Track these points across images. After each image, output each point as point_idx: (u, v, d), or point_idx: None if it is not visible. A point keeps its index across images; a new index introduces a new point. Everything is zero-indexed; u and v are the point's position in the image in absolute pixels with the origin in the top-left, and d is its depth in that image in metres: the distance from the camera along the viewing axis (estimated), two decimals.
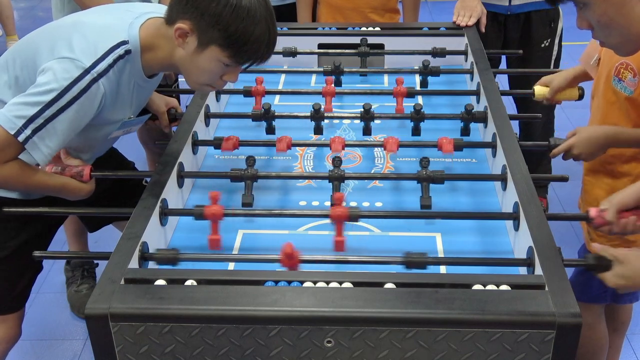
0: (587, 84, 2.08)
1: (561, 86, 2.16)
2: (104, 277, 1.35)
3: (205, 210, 1.57)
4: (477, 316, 1.24)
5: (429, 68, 2.28)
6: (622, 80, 1.83)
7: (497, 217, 1.68)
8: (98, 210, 1.94)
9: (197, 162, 1.96)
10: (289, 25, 2.70)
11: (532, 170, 1.72)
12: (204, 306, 1.27)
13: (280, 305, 1.27)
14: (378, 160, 1.99)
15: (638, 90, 1.81)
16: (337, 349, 1.27)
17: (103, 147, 1.89)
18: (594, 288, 2.05)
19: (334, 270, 1.47)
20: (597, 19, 1.45)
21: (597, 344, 2.17)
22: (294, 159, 1.99)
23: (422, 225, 1.68)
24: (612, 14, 1.43)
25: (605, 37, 1.50)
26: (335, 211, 1.55)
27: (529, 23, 2.93)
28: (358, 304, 1.27)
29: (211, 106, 2.12)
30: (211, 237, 1.58)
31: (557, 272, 1.34)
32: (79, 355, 2.58)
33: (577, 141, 1.87)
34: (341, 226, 1.55)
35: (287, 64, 2.53)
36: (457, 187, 1.82)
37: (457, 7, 2.66)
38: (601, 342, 2.18)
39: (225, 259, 1.55)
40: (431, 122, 2.06)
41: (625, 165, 1.92)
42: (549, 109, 3.08)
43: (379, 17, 2.93)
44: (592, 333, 2.14)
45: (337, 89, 2.20)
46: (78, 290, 2.77)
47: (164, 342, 1.28)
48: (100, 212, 1.98)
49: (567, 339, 1.24)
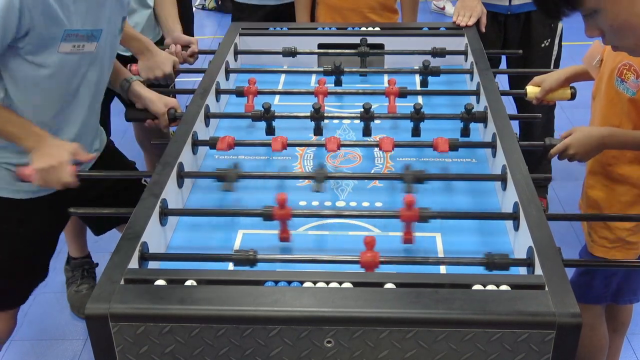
0: (588, 84, 2.08)
1: (552, 87, 2.16)
2: (104, 277, 1.35)
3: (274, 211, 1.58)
4: (477, 316, 1.24)
5: (429, 68, 2.28)
6: (625, 81, 1.83)
7: (497, 217, 1.68)
8: (96, 211, 1.94)
9: (197, 162, 1.96)
10: (289, 25, 2.70)
11: (532, 170, 1.72)
12: (204, 306, 1.27)
13: (280, 305, 1.27)
14: (378, 160, 1.99)
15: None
16: (337, 349, 1.27)
17: (77, 109, 1.86)
18: (594, 289, 2.05)
19: (334, 270, 1.47)
20: (610, 24, 1.42)
21: (598, 345, 2.17)
22: (293, 159, 1.99)
23: (422, 225, 1.68)
24: (625, 16, 1.40)
25: (619, 40, 1.47)
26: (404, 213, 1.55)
27: (529, 23, 2.93)
28: (358, 304, 1.27)
29: (211, 106, 2.12)
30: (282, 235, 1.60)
31: (557, 272, 1.34)
32: (79, 355, 2.58)
33: (572, 141, 1.87)
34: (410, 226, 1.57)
35: (287, 64, 2.53)
36: (457, 187, 1.82)
37: (457, 7, 2.66)
38: (601, 343, 2.18)
39: (225, 259, 1.55)
40: (432, 122, 2.06)
41: (626, 167, 1.91)
42: (549, 109, 3.08)
43: (378, 17, 2.93)
44: (592, 334, 2.14)
45: (330, 89, 2.20)
46: (78, 290, 2.77)
47: (164, 342, 1.28)
48: (98, 213, 1.97)
49: (567, 339, 1.24)
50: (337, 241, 1.64)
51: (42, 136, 1.73)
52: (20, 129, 1.71)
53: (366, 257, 1.43)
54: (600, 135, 1.86)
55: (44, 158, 1.70)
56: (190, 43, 2.54)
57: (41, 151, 1.71)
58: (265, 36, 2.62)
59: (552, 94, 2.18)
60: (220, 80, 2.26)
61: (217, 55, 2.41)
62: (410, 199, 1.56)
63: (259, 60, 2.59)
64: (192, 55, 2.54)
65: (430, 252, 1.60)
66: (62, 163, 1.71)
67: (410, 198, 1.56)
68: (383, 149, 1.87)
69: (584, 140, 1.86)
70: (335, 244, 1.63)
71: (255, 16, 3.09)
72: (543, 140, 1.92)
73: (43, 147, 1.72)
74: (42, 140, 1.72)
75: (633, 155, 1.89)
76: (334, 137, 1.90)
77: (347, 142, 1.99)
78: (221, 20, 6.01)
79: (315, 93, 2.17)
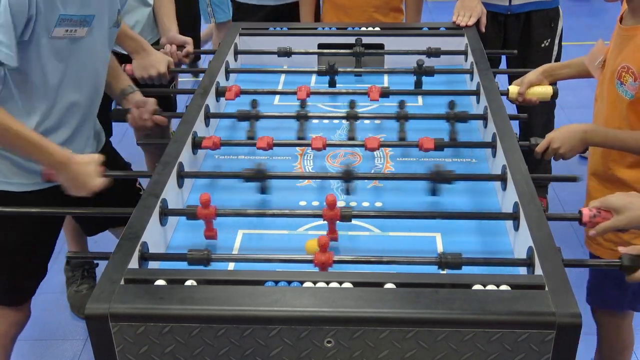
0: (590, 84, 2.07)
1: (532, 80, 2.17)
2: (104, 277, 1.35)
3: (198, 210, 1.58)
4: (477, 316, 1.24)
5: (423, 68, 2.28)
6: (624, 84, 1.83)
7: (497, 217, 1.68)
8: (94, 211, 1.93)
9: (197, 162, 1.96)
10: (289, 25, 2.70)
11: (532, 170, 1.73)
12: (204, 306, 1.27)
13: (280, 305, 1.27)
14: (378, 160, 1.99)
15: (638, 94, 1.81)
16: (337, 349, 1.27)
17: (71, 106, 1.86)
18: (609, 295, 2.03)
19: (334, 270, 1.47)
20: None
21: (622, 345, 2.15)
22: (293, 159, 1.99)
23: (422, 225, 1.68)
24: None
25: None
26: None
27: (529, 23, 2.93)
28: (358, 304, 1.27)
29: (211, 106, 2.12)
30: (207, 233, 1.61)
31: (557, 272, 1.34)
32: (79, 355, 2.58)
33: (556, 135, 1.91)
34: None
35: (287, 64, 2.53)
36: (457, 187, 1.82)
37: (457, 7, 2.66)
38: (625, 344, 2.15)
39: (225, 259, 1.55)
40: (433, 122, 2.07)
41: (626, 171, 1.91)
42: (549, 109, 3.08)
43: (383, 16, 2.93)
44: (617, 336, 2.12)
45: (312, 89, 2.21)
46: (78, 290, 2.77)
47: (164, 342, 1.28)
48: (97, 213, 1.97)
49: (567, 339, 1.24)
50: (337, 241, 1.64)
51: (65, 157, 1.74)
52: (39, 153, 1.72)
53: (320, 258, 1.45)
54: (582, 130, 1.89)
55: (72, 183, 1.75)
56: (185, 43, 2.53)
57: (68, 175, 1.74)
58: (265, 36, 2.62)
59: (532, 91, 2.19)
60: (220, 80, 2.26)
61: (217, 55, 2.41)
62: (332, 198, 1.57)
63: (259, 60, 2.59)
64: (187, 56, 2.54)
65: (430, 252, 1.60)
66: (91, 178, 1.75)
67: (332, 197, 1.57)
68: (368, 147, 1.87)
69: (567, 135, 1.89)
70: (335, 244, 1.63)
71: (256, 16, 3.10)
72: (529, 140, 1.94)
73: (68, 170, 1.74)
74: (66, 162, 1.74)
75: (633, 160, 1.89)
76: (320, 137, 1.91)
77: (333, 142, 1.99)
78: None
79: (298, 92, 2.17)
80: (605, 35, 2.03)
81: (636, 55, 1.80)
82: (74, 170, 1.74)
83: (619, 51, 1.87)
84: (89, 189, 1.75)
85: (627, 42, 1.85)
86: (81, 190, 1.75)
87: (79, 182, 1.74)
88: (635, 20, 1.84)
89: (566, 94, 2.86)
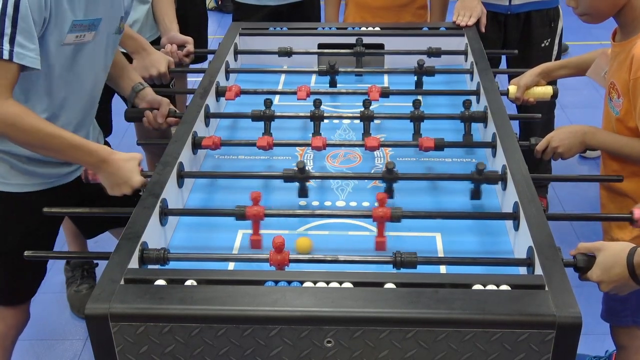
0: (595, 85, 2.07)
1: (527, 83, 2.18)
2: (104, 277, 1.35)
3: (247, 210, 1.58)
4: (477, 316, 1.24)
5: (423, 68, 2.29)
6: (612, 100, 1.85)
7: (497, 217, 1.68)
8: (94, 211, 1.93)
9: (197, 162, 1.96)
10: (289, 25, 2.70)
11: (532, 170, 1.73)
12: (204, 306, 1.27)
13: (280, 305, 1.27)
14: (378, 160, 1.99)
15: (623, 111, 1.82)
16: (337, 349, 1.27)
17: (77, 99, 1.86)
18: (611, 308, 2.01)
19: (334, 270, 1.47)
20: None
21: None
22: (294, 159, 1.99)
23: (423, 225, 1.68)
24: None
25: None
26: (377, 212, 1.56)
27: (529, 23, 2.93)
28: (358, 304, 1.27)
29: (211, 106, 2.12)
30: (253, 238, 1.60)
31: (557, 272, 1.34)
32: (79, 355, 2.58)
33: (556, 134, 1.92)
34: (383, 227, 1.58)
35: (287, 64, 2.53)
36: (457, 187, 1.82)
37: (457, 7, 2.66)
38: None
39: (225, 258, 1.55)
40: (433, 122, 2.06)
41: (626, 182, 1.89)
42: (548, 109, 3.08)
43: (410, 14, 2.92)
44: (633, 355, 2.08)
45: (312, 89, 2.20)
46: (78, 290, 2.77)
47: (164, 342, 1.28)
48: (97, 213, 1.97)
49: (567, 339, 1.24)
50: (338, 241, 1.64)
51: (107, 153, 1.73)
52: (78, 153, 1.71)
53: (276, 259, 1.45)
54: (582, 131, 1.91)
55: (114, 179, 1.73)
56: (186, 43, 2.53)
57: (110, 172, 1.73)
58: (265, 36, 2.62)
59: (532, 91, 2.20)
60: (220, 80, 2.26)
61: (217, 55, 2.41)
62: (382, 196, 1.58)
63: (259, 60, 2.59)
64: (187, 55, 2.54)
65: (431, 252, 1.60)
66: (133, 174, 1.73)
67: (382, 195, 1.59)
68: (368, 147, 1.87)
69: (567, 135, 1.91)
70: (336, 244, 1.63)
71: (256, 16, 3.09)
72: (529, 140, 1.94)
73: (110, 167, 1.72)
74: (108, 159, 1.72)
75: (631, 171, 1.89)
76: (320, 137, 1.91)
77: (333, 142, 1.99)
78: (221, 20, 6.00)
79: (298, 95, 2.16)
80: (605, 36, 2.03)
81: (620, 73, 1.81)
82: (116, 166, 1.72)
83: (611, 67, 1.89)
84: (130, 186, 1.72)
85: (614, 58, 1.86)
86: (123, 187, 1.73)
87: (122, 178, 1.72)
88: (622, 37, 1.85)
89: (566, 94, 2.87)
